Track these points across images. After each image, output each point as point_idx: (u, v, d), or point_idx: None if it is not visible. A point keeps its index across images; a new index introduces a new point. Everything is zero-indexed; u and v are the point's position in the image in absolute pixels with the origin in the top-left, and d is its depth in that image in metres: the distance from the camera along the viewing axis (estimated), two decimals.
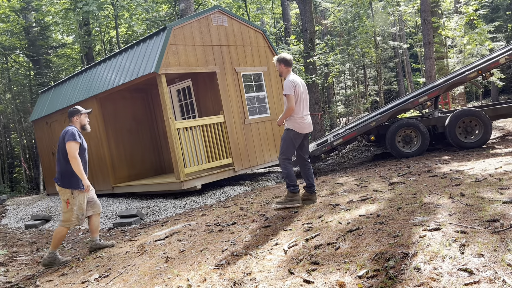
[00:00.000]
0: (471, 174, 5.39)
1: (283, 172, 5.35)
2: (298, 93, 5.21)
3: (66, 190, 5.05)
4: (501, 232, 3.09)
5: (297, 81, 5.26)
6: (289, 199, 5.31)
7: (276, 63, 5.35)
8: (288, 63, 5.30)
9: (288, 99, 5.16)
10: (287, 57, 5.32)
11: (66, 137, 5.02)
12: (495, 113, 8.64)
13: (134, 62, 8.46)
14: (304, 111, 5.31)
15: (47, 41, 20.68)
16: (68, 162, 5.02)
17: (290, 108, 5.15)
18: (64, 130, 5.16)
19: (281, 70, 5.34)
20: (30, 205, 10.58)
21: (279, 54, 5.47)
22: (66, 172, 5.05)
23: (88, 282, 4.19)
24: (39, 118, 11.74)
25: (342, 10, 22.02)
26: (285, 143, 5.30)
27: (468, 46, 14.86)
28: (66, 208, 5.06)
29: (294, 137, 5.28)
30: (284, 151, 5.31)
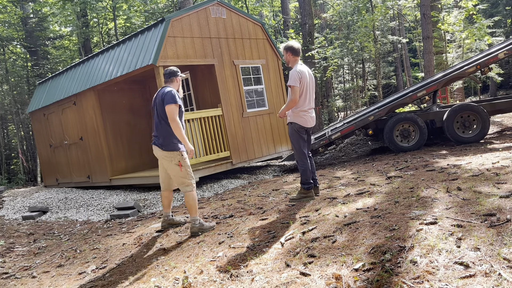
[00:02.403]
0: (468, 168, 5.40)
1: (300, 169, 5.19)
2: (304, 85, 5.00)
3: (174, 153, 4.68)
4: (497, 226, 3.10)
5: (305, 72, 5.03)
6: (302, 196, 5.23)
7: (283, 51, 5.12)
8: (296, 52, 5.09)
9: (292, 90, 4.96)
10: (295, 45, 5.10)
11: (166, 99, 4.62)
12: (493, 108, 8.65)
13: (132, 54, 8.41)
14: (309, 105, 5.12)
15: (45, 32, 20.53)
16: (167, 123, 4.70)
17: (293, 100, 4.96)
18: (162, 91, 4.75)
19: (288, 59, 5.12)
20: (28, 196, 10.57)
21: (287, 42, 5.24)
22: (168, 135, 4.69)
23: (85, 273, 4.20)
24: (36, 110, 11.69)
25: (342, 3, 21.93)
26: (294, 139, 5.17)
27: (467, 41, 14.82)
28: (180, 171, 4.69)
29: (299, 130, 5.12)
30: (296, 147, 5.17)
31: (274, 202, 5.58)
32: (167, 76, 4.90)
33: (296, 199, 5.27)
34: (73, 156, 10.60)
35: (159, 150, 4.74)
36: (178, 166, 4.68)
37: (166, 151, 4.69)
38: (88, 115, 9.79)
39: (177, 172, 4.71)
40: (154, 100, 4.85)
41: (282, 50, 5.18)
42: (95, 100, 9.56)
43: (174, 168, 4.71)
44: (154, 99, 4.86)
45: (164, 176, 5.00)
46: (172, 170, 4.74)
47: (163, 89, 4.81)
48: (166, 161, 4.73)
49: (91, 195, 9.23)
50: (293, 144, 5.23)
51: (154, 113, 4.86)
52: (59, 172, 11.27)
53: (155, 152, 4.81)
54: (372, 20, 16.72)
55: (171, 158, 4.70)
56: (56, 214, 8.37)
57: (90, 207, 8.29)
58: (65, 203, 9.00)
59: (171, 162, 4.70)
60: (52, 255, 5.27)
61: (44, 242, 6.17)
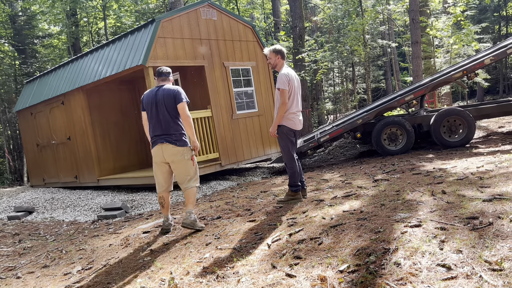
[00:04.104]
0: (453, 172, 5.48)
1: (289, 172, 5.21)
2: (292, 87, 5.03)
3: (186, 148, 4.72)
4: (479, 230, 3.16)
5: (292, 75, 5.07)
6: (290, 198, 5.25)
7: (272, 54, 5.12)
8: (284, 55, 5.15)
9: (281, 93, 4.96)
10: (284, 49, 5.17)
11: (178, 97, 4.66)
12: (479, 113, 8.78)
13: (122, 54, 8.38)
14: (297, 107, 5.14)
15: (34, 31, 20.31)
16: (178, 120, 4.73)
17: (283, 103, 4.96)
18: (169, 89, 4.73)
19: (276, 62, 5.14)
20: (13, 196, 10.44)
21: (273, 45, 5.26)
22: (178, 131, 4.72)
23: (71, 274, 4.17)
24: (23, 109, 11.57)
25: (332, 7, 22.07)
26: (283, 142, 5.18)
27: (455, 46, 15.03)
28: (193, 165, 4.76)
29: (287, 133, 5.14)
30: (285, 150, 5.18)
31: (262, 204, 5.60)
32: (165, 74, 4.87)
33: (284, 201, 5.29)
34: (60, 156, 10.51)
35: (173, 147, 4.67)
36: (191, 161, 4.74)
37: (180, 147, 4.69)
38: (76, 114, 9.71)
39: (190, 166, 4.74)
40: (155, 98, 4.72)
41: (269, 53, 5.17)
42: (84, 100, 9.49)
43: (186, 163, 4.73)
44: (154, 97, 4.73)
45: (166, 177, 4.88)
46: (184, 165, 4.73)
47: (166, 87, 4.77)
48: (179, 157, 4.70)
49: (78, 195, 9.15)
50: (282, 147, 5.25)
51: (156, 111, 4.71)
52: (46, 172, 11.16)
53: (166, 150, 4.69)
54: (362, 24, 16.87)
55: (184, 154, 4.71)
56: (42, 215, 8.29)
57: (77, 208, 8.23)
58: (52, 203, 8.91)
59: (184, 158, 4.71)
60: (37, 255, 5.22)
61: (29, 243, 6.11)
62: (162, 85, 4.82)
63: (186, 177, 4.75)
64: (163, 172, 4.86)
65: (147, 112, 4.81)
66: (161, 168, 4.84)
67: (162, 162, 4.79)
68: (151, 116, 4.77)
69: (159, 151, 4.73)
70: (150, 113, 4.77)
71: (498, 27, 26.82)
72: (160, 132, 4.71)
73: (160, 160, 4.78)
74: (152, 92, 4.82)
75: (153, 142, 4.78)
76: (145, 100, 4.84)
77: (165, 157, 4.72)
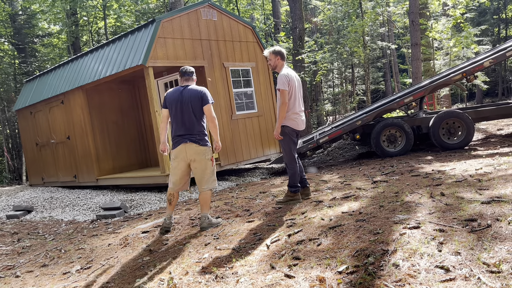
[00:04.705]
0: (452, 174, 5.49)
1: (289, 172, 5.23)
2: (293, 88, 5.06)
3: (207, 148, 4.81)
4: (478, 232, 3.17)
5: (292, 75, 5.10)
6: (289, 199, 5.25)
7: (272, 55, 5.17)
8: (284, 56, 5.21)
9: (281, 94, 5.00)
10: (283, 50, 5.22)
11: (205, 98, 4.74)
12: (478, 116, 8.80)
13: (122, 54, 8.39)
14: (299, 107, 5.17)
15: (33, 30, 20.32)
16: (202, 121, 4.82)
17: (284, 103, 4.99)
18: (195, 89, 4.78)
19: (276, 64, 5.18)
20: (12, 195, 10.44)
21: (273, 47, 5.31)
22: (201, 131, 4.80)
23: (69, 273, 4.18)
24: (23, 108, 11.56)
25: (332, 8, 22.09)
26: (285, 142, 5.18)
27: (454, 49, 15.05)
28: (212, 166, 4.84)
29: (290, 133, 5.15)
30: (287, 151, 5.19)
31: (261, 204, 5.61)
32: (188, 74, 4.91)
33: (283, 202, 5.30)
34: (59, 155, 10.51)
35: (196, 146, 4.74)
36: (211, 161, 4.83)
37: (202, 147, 4.77)
38: (76, 114, 9.72)
39: (209, 166, 4.82)
40: (180, 98, 4.75)
41: (269, 54, 5.20)
42: (83, 99, 9.50)
43: (207, 163, 4.80)
44: (180, 96, 4.75)
45: (183, 176, 4.90)
46: (204, 164, 4.80)
47: (192, 87, 4.82)
48: (200, 156, 4.77)
49: (77, 195, 9.15)
50: (283, 147, 5.26)
51: (181, 111, 4.74)
52: (45, 171, 11.16)
53: (190, 149, 4.74)
54: (362, 26, 16.89)
55: (205, 153, 4.79)
56: (41, 214, 8.29)
57: (76, 207, 8.23)
58: (51, 203, 8.91)
59: (205, 157, 4.79)
60: (36, 254, 5.22)
61: (28, 242, 6.11)
62: (187, 85, 4.86)
63: (204, 176, 4.81)
64: (182, 171, 4.87)
65: (170, 110, 4.83)
66: (181, 167, 4.84)
67: (183, 161, 4.81)
68: (174, 115, 4.79)
69: (182, 151, 4.77)
70: (173, 112, 4.80)
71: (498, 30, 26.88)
72: (184, 132, 4.76)
73: (182, 159, 4.80)
74: (177, 91, 4.84)
75: (176, 142, 4.81)
76: (168, 98, 4.85)
77: (188, 156, 4.77)
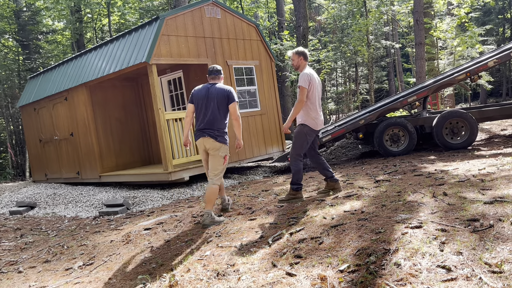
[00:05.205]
0: (455, 174, 5.48)
1: (293, 169, 5.25)
2: (313, 87, 5.12)
3: (223, 146, 5.02)
4: (480, 232, 3.17)
5: (314, 75, 5.18)
6: (291, 197, 5.26)
7: (295, 55, 5.27)
8: (307, 57, 5.30)
9: (300, 91, 5.05)
10: (306, 51, 5.34)
11: (231, 97, 4.97)
12: (481, 115, 8.77)
13: (126, 51, 8.40)
14: (319, 107, 5.23)
15: (38, 26, 20.37)
16: (225, 119, 5.04)
17: (300, 101, 5.04)
18: (222, 88, 5.01)
19: (299, 63, 5.25)
20: (15, 191, 10.49)
21: (297, 48, 5.44)
22: (222, 129, 5.03)
23: (72, 269, 4.20)
24: (27, 104, 11.60)
25: (336, 7, 22.05)
26: (299, 139, 5.20)
27: (459, 48, 15.00)
28: (223, 164, 5.06)
29: (308, 133, 5.17)
30: (297, 147, 5.21)
31: (263, 202, 5.62)
32: (215, 72, 5.14)
33: (285, 200, 5.31)
34: (63, 151, 10.54)
35: (213, 141, 4.97)
36: (223, 159, 5.05)
37: (218, 143, 4.99)
38: (79, 111, 9.74)
39: (220, 163, 5.04)
40: (207, 94, 4.98)
41: (292, 54, 5.30)
42: (87, 96, 9.52)
43: (219, 159, 5.03)
44: (207, 93, 4.98)
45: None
46: (217, 160, 5.03)
47: (219, 85, 5.05)
48: (215, 151, 5.01)
49: (80, 191, 9.18)
50: (295, 144, 5.25)
51: (206, 107, 4.97)
52: (48, 168, 11.20)
53: (207, 143, 4.99)
54: (366, 25, 16.85)
55: (220, 150, 5.01)
56: (44, 210, 8.32)
57: (79, 203, 8.26)
58: (54, 199, 8.95)
59: (218, 153, 5.01)
60: (39, 250, 5.25)
61: (31, 238, 6.14)
62: (214, 83, 5.08)
63: (214, 171, 5.03)
64: (206, 162, 5.20)
65: (196, 106, 5.07)
66: (204, 158, 5.20)
67: (204, 153, 5.14)
68: (199, 111, 5.04)
69: (201, 143, 5.06)
70: (198, 107, 5.04)
71: (503, 30, 26.76)
72: (204, 126, 5.00)
73: (203, 151, 5.13)
74: (204, 88, 5.07)
75: (196, 135, 5.10)
76: (195, 94, 5.09)
77: (206, 147, 5.04)
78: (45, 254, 5.01)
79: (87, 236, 5.61)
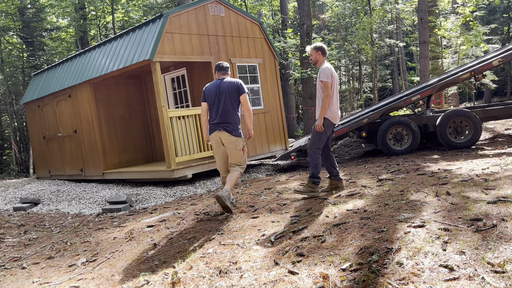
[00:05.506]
0: (458, 173, 5.46)
1: (312, 163, 5.24)
2: (334, 81, 5.15)
3: (239, 139, 5.20)
4: (483, 231, 3.16)
5: (332, 69, 5.21)
6: (310, 190, 5.24)
7: (313, 51, 5.29)
8: (325, 52, 5.32)
9: (324, 86, 5.06)
10: (324, 46, 5.36)
11: (241, 88, 5.16)
12: (485, 115, 8.74)
13: (129, 49, 8.41)
14: (337, 102, 5.26)
15: (42, 23, 20.42)
16: (237, 111, 5.19)
17: (328, 95, 5.05)
18: (231, 81, 5.18)
19: (317, 59, 5.28)
20: (19, 188, 10.54)
21: (314, 43, 5.46)
22: (236, 122, 5.17)
23: (75, 266, 4.21)
24: (31, 101, 11.65)
25: (340, 5, 21.98)
26: (318, 133, 5.21)
27: (463, 47, 14.93)
28: (243, 156, 5.26)
29: (327, 127, 5.20)
30: (316, 141, 5.22)
31: (266, 200, 5.62)
32: (225, 68, 5.32)
33: (302, 191, 5.26)
34: (66, 148, 10.58)
35: (229, 136, 5.14)
36: (242, 151, 5.25)
37: (234, 137, 5.16)
38: (83, 108, 9.77)
39: (240, 156, 5.24)
40: (218, 89, 5.14)
41: (310, 50, 5.33)
42: (91, 93, 9.54)
43: (238, 152, 5.23)
44: (218, 88, 5.14)
45: (225, 160, 5.34)
46: (237, 154, 5.23)
47: (228, 79, 5.22)
48: (233, 145, 5.18)
49: (83, 188, 9.22)
50: (315, 138, 5.25)
51: (218, 101, 5.13)
52: (52, 164, 11.24)
53: (223, 137, 5.15)
54: (370, 23, 16.80)
55: (237, 143, 5.19)
56: (48, 206, 8.36)
57: (82, 200, 8.29)
58: (57, 196, 8.99)
59: (236, 147, 5.19)
60: (42, 246, 5.27)
61: (34, 234, 6.17)
62: (223, 78, 5.26)
63: (237, 162, 5.26)
64: (221, 155, 5.33)
65: (209, 102, 5.23)
66: (219, 151, 5.31)
67: (219, 147, 5.27)
68: (212, 106, 5.19)
69: (216, 137, 5.20)
70: (211, 103, 5.20)
71: (507, 29, 26.62)
72: (219, 120, 5.15)
73: (217, 144, 5.25)
74: (215, 84, 5.24)
75: (211, 129, 5.23)
76: (207, 91, 5.25)
77: (222, 140, 5.19)
78: (48, 250, 5.03)
79: (90, 232, 5.63)
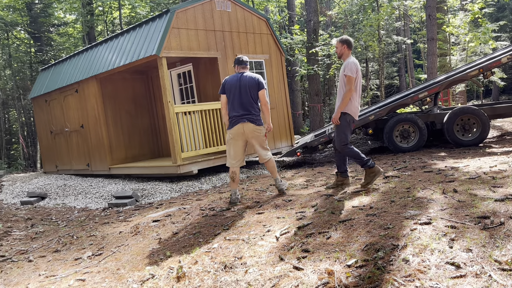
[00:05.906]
0: (465, 171, 5.42)
1: (351, 156, 5.17)
2: (358, 76, 5.10)
3: (262, 127, 5.46)
4: (490, 229, 3.13)
5: (358, 64, 5.15)
6: (372, 175, 5.13)
7: (339, 43, 5.22)
8: (351, 45, 5.25)
9: (348, 80, 5.02)
10: (350, 39, 5.29)
11: (261, 84, 5.36)
12: (493, 112, 8.66)
13: (136, 44, 8.42)
14: (359, 97, 5.23)
15: (49, 19, 20.51)
16: (257, 104, 5.42)
17: (350, 90, 5.02)
18: (252, 76, 5.38)
19: (342, 52, 5.22)
20: (27, 182, 10.62)
21: (341, 36, 5.40)
22: (258, 113, 5.42)
23: (81, 259, 4.24)
24: (38, 96, 11.71)
25: (348, 1, 21.85)
26: (342, 129, 5.17)
27: (471, 44, 14.79)
28: (265, 141, 5.52)
29: (350, 122, 5.18)
30: (343, 137, 5.17)
31: (271, 196, 5.62)
32: (245, 63, 5.51)
33: (370, 182, 5.13)
34: (73, 143, 10.63)
35: (254, 126, 5.37)
36: (265, 137, 5.50)
37: (258, 126, 5.40)
38: (89, 103, 9.81)
39: (263, 140, 5.49)
40: (239, 83, 5.33)
41: (336, 42, 5.29)
42: (97, 88, 9.57)
43: (263, 139, 5.49)
44: (238, 82, 5.33)
45: (241, 153, 5.50)
46: (262, 140, 5.48)
47: (248, 74, 5.42)
48: (256, 134, 5.41)
49: (90, 183, 9.27)
50: (340, 133, 5.19)
51: (239, 94, 5.32)
52: (59, 159, 11.31)
53: (248, 128, 5.35)
54: (377, 20, 16.68)
55: (260, 131, 5.43)
56: (55, 200, 8.42)
57: (89, 195, 8.34)
58: (64, 190, 9.04)
59: (260, 134, 5.44)
60: (49, 240, 5.31)
61: (41, 227, 6.22)
62: (243, 72, 5.46)
63: (263, 149, 5.51)
64: (239, 148, 5.48)
65: (228, 95, 5.41)
66: (238, 144, 5.46)
67: (240, 139, 5.44)
68: (233, 98, 5.37)
69: (240, 129, 5.37)
70: (231, 95, 5.38)
71: None
72: (242, 112, 5.34)
73: (240, 137, 5.42)
74: (235, 77, 5.41)
75: (233, 121, 5.39)
76: (227, 84, 5.42)
77: (246, 133, 5.39)
78: (55, 244, 5.07)
79: (96, 227, 5.67)
